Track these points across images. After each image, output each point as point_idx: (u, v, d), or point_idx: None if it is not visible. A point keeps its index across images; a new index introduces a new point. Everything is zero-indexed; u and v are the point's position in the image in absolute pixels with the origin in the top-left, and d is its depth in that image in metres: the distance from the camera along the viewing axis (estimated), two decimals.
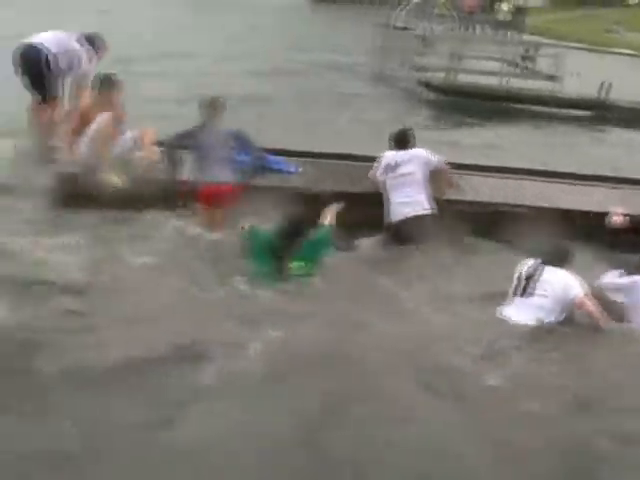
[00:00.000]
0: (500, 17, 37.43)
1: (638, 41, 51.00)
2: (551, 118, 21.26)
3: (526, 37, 32.75)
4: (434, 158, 9.20)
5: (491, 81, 23.04)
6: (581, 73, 23.01)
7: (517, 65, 25.59)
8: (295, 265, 7.94)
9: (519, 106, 22.12)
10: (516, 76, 24.14)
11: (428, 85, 22.67)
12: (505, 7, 39.06)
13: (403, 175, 9.02)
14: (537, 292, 7.26)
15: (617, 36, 57.85)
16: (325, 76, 24.31)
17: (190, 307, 7.11)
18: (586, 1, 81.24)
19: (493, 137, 17.80)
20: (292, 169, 10.17)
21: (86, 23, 13.51)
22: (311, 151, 11.05)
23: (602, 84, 22.13)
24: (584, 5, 79.10)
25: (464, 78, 23.02)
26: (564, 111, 22.00)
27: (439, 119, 20.28)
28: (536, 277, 7.31)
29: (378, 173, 9.25)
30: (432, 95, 22.52)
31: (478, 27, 34.35)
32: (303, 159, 10.63)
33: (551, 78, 23.56)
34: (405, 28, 28.34)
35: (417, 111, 20.60)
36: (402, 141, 9.30)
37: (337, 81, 23.63)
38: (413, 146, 9.29)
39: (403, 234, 8.77)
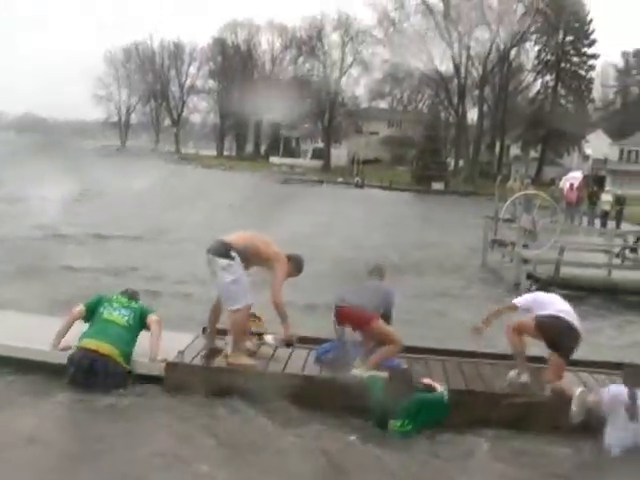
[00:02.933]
0: (602, 208, 38.04)
1: None
2: None
3: (628, 226, 33.11)
4: None
5: (595, 273, 23.31)
6: None
7: (621, 256, 25.87)
8: (396, 423, 8.57)
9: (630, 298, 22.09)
10: (620, 267, 24.43)
11: (532, 277, 22.93)
12: (606, 198, 39.73)
13: None
14: None
15: None
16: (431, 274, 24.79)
17: None
18: None
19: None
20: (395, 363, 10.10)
21: None
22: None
23: None
24: None
25: (569, 270, 22.83)
26: None
27: None
28: None
29: None
30: (536, 287, 22.72)
31: (580, 218, 34.98)
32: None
33: None
34: (510, 220, 29.07)
35: None
36: None
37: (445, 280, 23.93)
38: None
39: None
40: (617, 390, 8.63)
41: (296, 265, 10.24)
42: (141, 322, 9.62)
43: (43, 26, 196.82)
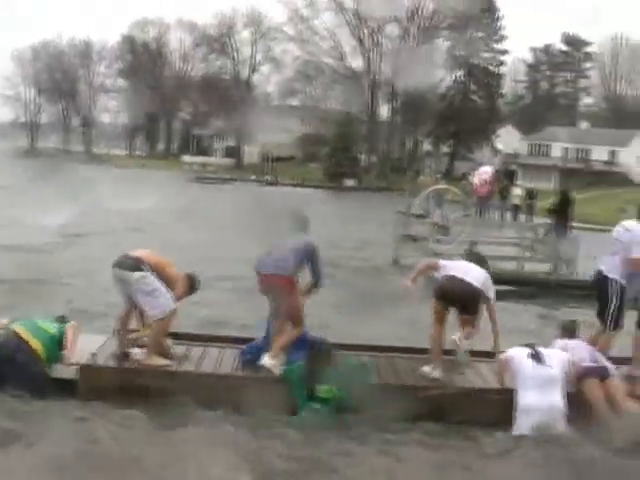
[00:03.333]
0: (512, 202, 38.17)
1: None
2: (566, 300, 21.31)
3: (539, 220, 33.27)
4: None
5: (506, 266, 23.34)
6: (598, 255, 23.17)
7: (532, 249, 25.94)
8: (322, 388, 8.97)
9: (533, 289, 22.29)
10: (530, 260, 24.51)
11: None
12: (517, 192, 39.91)
13: None
14: None
15: (630, 216, 58.55)
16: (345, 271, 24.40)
17: None
18: (595, 183, 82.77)
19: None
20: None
21: None
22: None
23: None
24: (595, 186, 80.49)
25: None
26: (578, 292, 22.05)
27: None
28: None
29: None
30: None
31: (491, 212, 35.03)
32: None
33: (566, 260, 23.92)
34: (422, 215, 29.00)
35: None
36: None
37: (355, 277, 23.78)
38: None
39: None
40: (517, 349, 9.34)
41: (192, 283, 10.26)
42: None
43: None
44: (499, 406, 9.08)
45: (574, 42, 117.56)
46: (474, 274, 10.24)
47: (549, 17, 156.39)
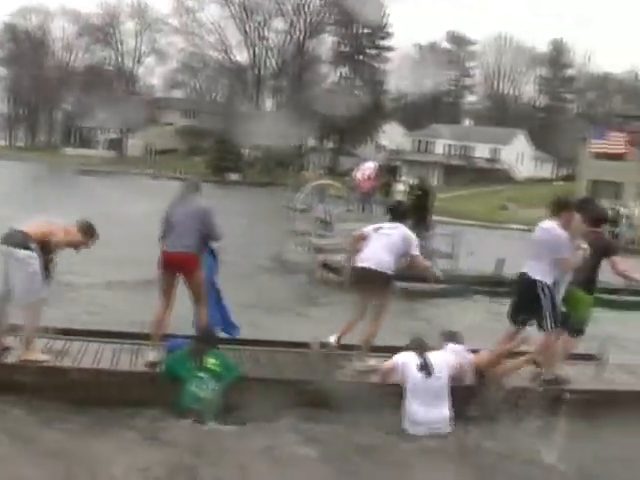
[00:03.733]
0: (395, 197, 38.16)
1: (528, 217, 52.82)
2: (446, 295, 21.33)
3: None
4: None
5: None
6: (476, 250, 23.41)
7: None
8: (210, 359, 9.09)
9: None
10: None
11: (326, 266, 22.73)
12: (401, 187, 39.93)
13: None
14: None
15: (510, 212, 59.80)
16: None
17: None
18: (477, 180, 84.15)
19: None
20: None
21: None
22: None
23: (497, 260, 22.53)
24: (477, 183, 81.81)
25: None
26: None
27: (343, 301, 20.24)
28: None
29: None
30: (332, 276, 22.59)
31: (374, 207, 34.98)
32: None
33: (448, 256, 23.93)
34: (305, 210, 28.80)
35: (317, 292, 20.62)
36: None
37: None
38: None
39: None
40: (406, 355, 9.58)
41: (87, 230, 9.81)
42: None
43: None
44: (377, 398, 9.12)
45: (458, 40, 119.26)
46: (381, 252, 10.61)
47: (435, 15, 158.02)
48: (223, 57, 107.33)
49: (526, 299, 10.23)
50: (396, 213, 11.20)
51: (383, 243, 10.59)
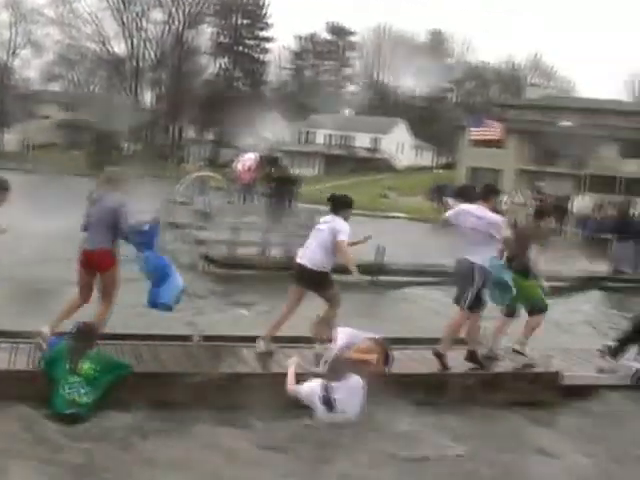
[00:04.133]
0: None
1: (408, 205, 53.91)
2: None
3: (301, 206, 33.38)
4: None
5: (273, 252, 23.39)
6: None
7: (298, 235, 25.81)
8: (84, 364, 8.82)
9: None
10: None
11: (207, 258, 22.65)
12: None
13: None
14: None
15: (390, 201, 60.52)
16: None
17: None
18: (358, 169, 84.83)
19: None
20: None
21: None
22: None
23: (378, 248, 22.69)
24: (357, 172, 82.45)
25: (246, 250, 23.67)
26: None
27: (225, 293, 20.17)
28: None
29: None
30: (213, 268, 22.52)
31: (255, 198, 34.90)
32: None
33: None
34: (185, 203, 28.57)
35: (200, 284, 20.43)
36: None
37: None
38: None
39: None
40: (311, 385, 9.22)
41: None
42: None
43: None
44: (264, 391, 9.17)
45: (338, 31, 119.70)
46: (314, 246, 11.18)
47: (315, 6, 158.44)
48: (101, 49, 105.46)
49: (463, 278, 10.59)
50: (336, 203, 11.30)
51: (317, 240, 10.97)
